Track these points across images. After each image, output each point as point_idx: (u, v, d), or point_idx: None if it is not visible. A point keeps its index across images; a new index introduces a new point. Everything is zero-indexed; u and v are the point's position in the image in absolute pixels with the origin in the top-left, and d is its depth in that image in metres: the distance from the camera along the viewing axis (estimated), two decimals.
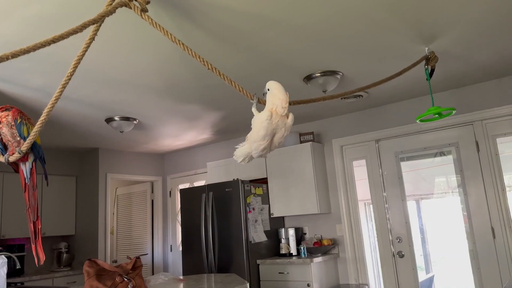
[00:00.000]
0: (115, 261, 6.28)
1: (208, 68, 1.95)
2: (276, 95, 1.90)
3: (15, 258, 3.45)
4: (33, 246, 2.04)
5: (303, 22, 2.45)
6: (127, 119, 4.21)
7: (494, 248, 3.74)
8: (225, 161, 5.34)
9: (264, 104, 2.00)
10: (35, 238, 2.05)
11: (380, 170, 4.44)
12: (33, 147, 1.90)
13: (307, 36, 2.64)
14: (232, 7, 2.22)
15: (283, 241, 4.71)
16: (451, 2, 2.35)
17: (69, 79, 1.88)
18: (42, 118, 1.82)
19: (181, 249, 5.46)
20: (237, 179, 4.62)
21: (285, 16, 2.36)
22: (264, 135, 1.90)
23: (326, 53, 2.94)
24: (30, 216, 2.04)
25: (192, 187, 4.98)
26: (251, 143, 1.97)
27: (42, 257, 2.01)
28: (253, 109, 2.01)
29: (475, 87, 3.96)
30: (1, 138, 1.90)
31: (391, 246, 4.28)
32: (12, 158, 1.89)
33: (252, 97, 2.03)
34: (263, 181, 4.98)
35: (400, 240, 4.24)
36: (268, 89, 1.93)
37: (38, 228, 2.07)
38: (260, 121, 1.90)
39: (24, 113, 1.99)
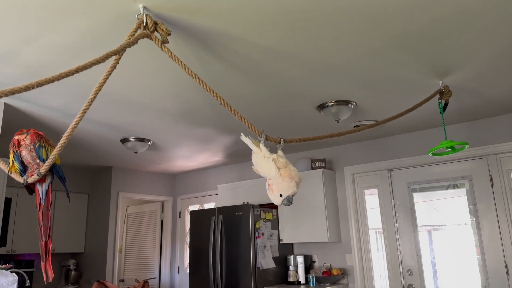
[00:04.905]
0: (122, 280, 6.26)
1: (221, 103, 1.99)
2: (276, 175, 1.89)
3: (25, 275, 3.47)
4: (42, 263, 2.07)
5: (316, 56, 2.50)
6: (142, 140, 4.28)
7: (508, 286, 3.64)
8: (235, 184, 5.35)
9: (272, 141, 2.03)
10: (45, 256, 2.08)
11: (392, 200, 4.40)
12: (53, 168, 1.95)
13: (320, 68, 2.68)
14: (249, 39, 2.28)
15: (291, 268, 4.65)
16: (465, 40, 2.37)
17: (90, 104, 1.93)
18: (61, 142, 1.87)
19: (188, 271, 5.43)
20: (247, 203, 4.62)
21: (298, 50, 2.41)
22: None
23: (339, 84, 2.97)
24: (42, 235, 2.08)
25: (202, 210, 4.99)
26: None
27: (51, 275, 2.04)
28: (261, 145, 1.99)
29: (489, 120, 3.94)
30: (22, 160, 1.95)
31: (402, 279, 4.20)
32: (30, 180, 1.94)
33: (260, 134, 2.00)
34: (273, 205, 4.96)
35: (411, 272, 4.16)
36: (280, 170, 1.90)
37: (49, 247, 2.10)
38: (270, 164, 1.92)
39: (43, 135, 2.04)
